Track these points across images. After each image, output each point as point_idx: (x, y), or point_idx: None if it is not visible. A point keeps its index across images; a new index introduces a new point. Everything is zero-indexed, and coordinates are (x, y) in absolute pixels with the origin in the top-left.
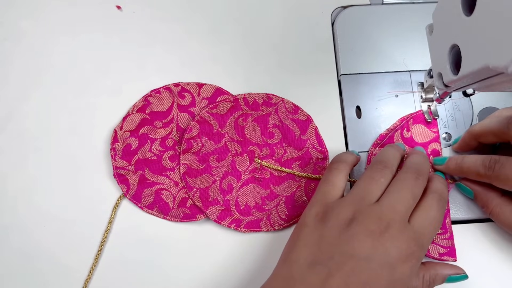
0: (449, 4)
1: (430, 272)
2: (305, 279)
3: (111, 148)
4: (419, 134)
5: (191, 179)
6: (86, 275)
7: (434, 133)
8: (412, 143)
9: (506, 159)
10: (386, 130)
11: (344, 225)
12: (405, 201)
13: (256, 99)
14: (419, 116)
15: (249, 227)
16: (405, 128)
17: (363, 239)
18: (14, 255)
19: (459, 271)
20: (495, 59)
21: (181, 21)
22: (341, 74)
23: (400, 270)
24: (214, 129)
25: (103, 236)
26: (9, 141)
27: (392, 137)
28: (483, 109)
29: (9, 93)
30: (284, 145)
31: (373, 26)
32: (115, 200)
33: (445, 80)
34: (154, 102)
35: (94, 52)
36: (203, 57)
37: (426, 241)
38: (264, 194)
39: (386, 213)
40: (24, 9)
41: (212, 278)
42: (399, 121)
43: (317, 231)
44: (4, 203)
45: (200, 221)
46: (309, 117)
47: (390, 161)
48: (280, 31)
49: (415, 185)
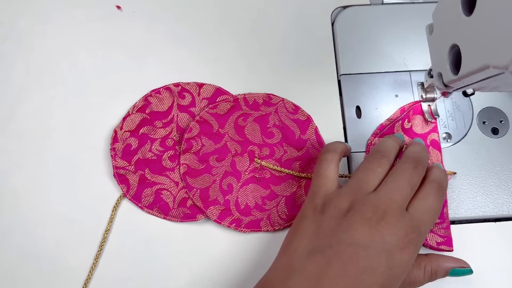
0: (449, 4)
1: (432, 263)
2: (304, 268)
3: (111, 148)
4: (418, 125)
5: (191, 179)
6: (86, 275)
7: (432, 123)
8: (412, 134)
9: None
10: (386, 120)
11: (342, 214)
12: (403, 190)
13: (256, 99)
14: (418, 107)
15: (249, 227)
16: (406, 119)
17: (360, 227)
18: (13, 255)
19: (463, 264)
20: (495, 59)
21: (181, 21)
22: (341, 74)
23: (398, 257)
24: (214, 129)
25: (103, 236)
26: (9, 141)
27: (393, 128)
28: (483, 109)
29: (9, 93)
30: (284, 145)
31: (373, 26)
32: (115, 200)
33: (445, 80)
34: (154, 102)
35: (94, 52)
36: (203, 57)
37: (424, 229)
38: (264, 194)
39: (383, 202)
40: (24, 9)
41: (212, 278)
42: (399, 112)
43: (316, 221)
44: (5, 203)
45: (200, 221)
46: (309, 117)
47: (388, 151)
48: (280, 31)
49: (413, 174)
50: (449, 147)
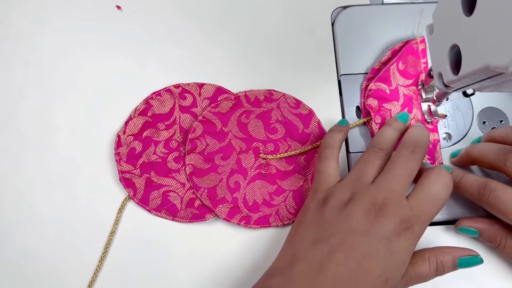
0: (449, 4)
1: (436, 254)
2: (308, 256)
3: (115, 152)
4: (411, 65)
5: (198, 179)
6: (90, 278)
7: (424, 63)
8: (408, 75)
9: (502, 190)
10: (378, 63)
11: (343, 205)
12: (400, 179)
13: (257, 96)
14: (410, 47)
15: (258, 223)
16: (400, 61)
17: (360, 216)
18: (14, 256)
19: (470, 252)
20: (495, 59)
21: (181, 21)
22: (341, 74)
23: (397, 243)
24: (217, 128)
25: (108, 239)
26: (9, 141)
27: (388, 72)
28: (483, 109)
29: (9, 93)
30: (288, 139)
31: (373, 26)
32: (114, 200)
33: (445, 80)
34: (155, 104)
35: (94, 52)
36: (203, 57)
37: (425, 218)
38: (272, 189)
39: (381, 193)
40: (24, 9)
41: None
42: (389, 53)
43: (319, 213)
44: (5, 203)
45: (204, 221)
46: (311, 111)
47: (385, 143)
48: (280, 31)
49: (410, 160)
50: (449, 147)
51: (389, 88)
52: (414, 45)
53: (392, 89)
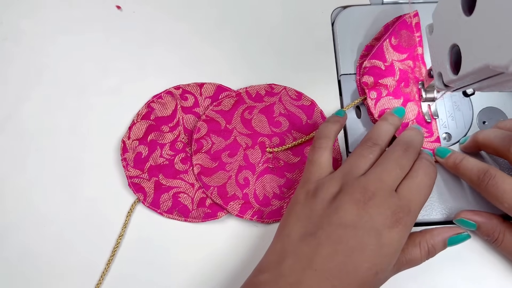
0: (449, 4)
1: (426, 237)
2: (297, 250)
3: (122, 158)
4: (405, 40)
5: (207, 178)
6: (97, 280)
7: (418, 37)
8: (401, 49)
9: (502, 178)
10: (372, 39)
11: (332, 197)
12: (391, 171)
13: (258, 91)
14: (403, 22)
15: (271, 217)
16: (393, 36)
17: (349, 207)
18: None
19: (458, 230)
20: (495, 59)
21: (181, 21)
22: (341, 74)
23: (387, 235)
24: (221, 126)
25: (116, 242)
26: (9, 141)
27: (382, 48)
28: (483, 109)
29: (9, 93)
30: (293, 132)
31: (373, 26)
32: (114, 199)
33: (445, 80)
34: (157, 107)
35: (94, 52)
36: (203, 57)
37: (415, 207)
38: (280, 182)
39: (371, 183)
40: (24, 9)
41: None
42: (382, 29)
43: (308, 205)
44: (5, 203)
45: (212, 221)
46: (313, 102)
47: (380, 138)
48: (280, 31)
49: (402, 156)
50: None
51: (384, 64)
52: (407, 19)
53: (387, 65)
